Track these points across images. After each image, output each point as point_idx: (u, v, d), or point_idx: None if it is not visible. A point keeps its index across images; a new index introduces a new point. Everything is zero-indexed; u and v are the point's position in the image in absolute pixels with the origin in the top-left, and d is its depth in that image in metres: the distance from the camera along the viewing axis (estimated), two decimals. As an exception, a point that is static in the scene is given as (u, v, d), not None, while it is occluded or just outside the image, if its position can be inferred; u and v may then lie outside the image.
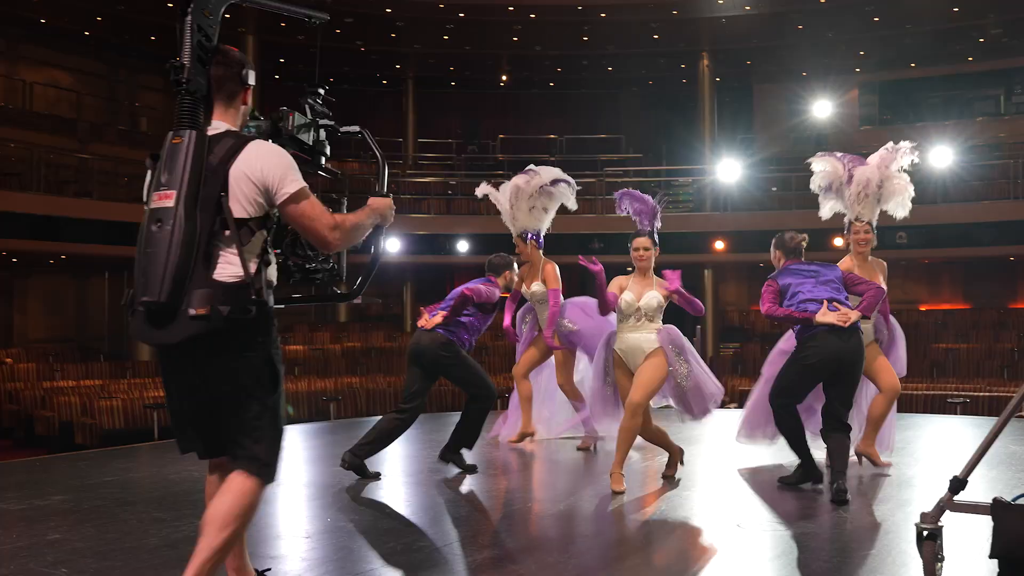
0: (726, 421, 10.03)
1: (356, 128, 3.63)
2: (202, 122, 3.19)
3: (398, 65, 26.39)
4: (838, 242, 21.07)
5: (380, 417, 6.81)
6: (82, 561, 4.34)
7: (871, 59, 25.72)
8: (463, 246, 22.23)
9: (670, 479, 6.35)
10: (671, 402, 6.38)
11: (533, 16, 22.37)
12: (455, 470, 6.69)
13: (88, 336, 23.31)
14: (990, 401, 16.12)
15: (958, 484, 3.61)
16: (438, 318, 6.60)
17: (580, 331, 7.74)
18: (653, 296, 6.18)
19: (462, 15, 21.97)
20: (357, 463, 6.36)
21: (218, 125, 3.23)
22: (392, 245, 21.86)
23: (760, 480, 6.52)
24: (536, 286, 7.81)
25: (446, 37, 23.65)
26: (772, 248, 6.35)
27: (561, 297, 7.74)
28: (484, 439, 7.83)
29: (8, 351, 20.66)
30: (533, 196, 7.88)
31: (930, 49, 24.70)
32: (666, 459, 6.58)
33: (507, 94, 28.49)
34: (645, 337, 6.12)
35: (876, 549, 4.66)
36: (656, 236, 6.43)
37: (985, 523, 3.47)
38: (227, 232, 3.09)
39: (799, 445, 6.08)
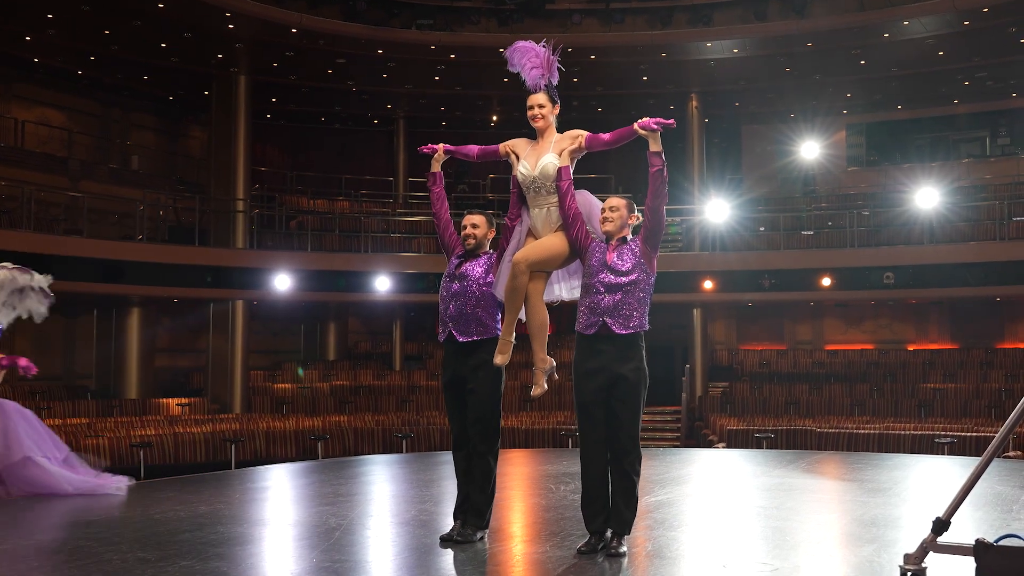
0: (713, 460, 10.05)
1: None
2: None
3: (389, 105, 26.59)
4: (825, 282, 21.34)
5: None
6: (66, 602, 4.31)
7: (858, 101, 26.03)
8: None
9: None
10: (563, 295, 5.51)
11: (523, 58, 22.53)
12: (445, 514, 6.59)
13: (76, 374, 23.20)
14: (977, 441, 16.12)
15: (941, 525, 3.63)
16: None
17: None
18: (549, 161, 5.33)
19: (453, 56, 22.17)
20: None
21: None
22: (382, 283, 21.91)
23: (747, 520, 6.52)
24: None
25: (437, 78, 23.85)
26: None
27: None
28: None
29: (-6, 389, 20.53)
30: (14, 293, 7.98)
31: (916, 92, 25.03)
32: None
33: (497, 134, 28.54)
34: (550, 213, 5.32)
35: (862, 590, 4.66)
36: (554, 92, 5.52)
37: (969, 564, 3.49)
38: None
39: None
